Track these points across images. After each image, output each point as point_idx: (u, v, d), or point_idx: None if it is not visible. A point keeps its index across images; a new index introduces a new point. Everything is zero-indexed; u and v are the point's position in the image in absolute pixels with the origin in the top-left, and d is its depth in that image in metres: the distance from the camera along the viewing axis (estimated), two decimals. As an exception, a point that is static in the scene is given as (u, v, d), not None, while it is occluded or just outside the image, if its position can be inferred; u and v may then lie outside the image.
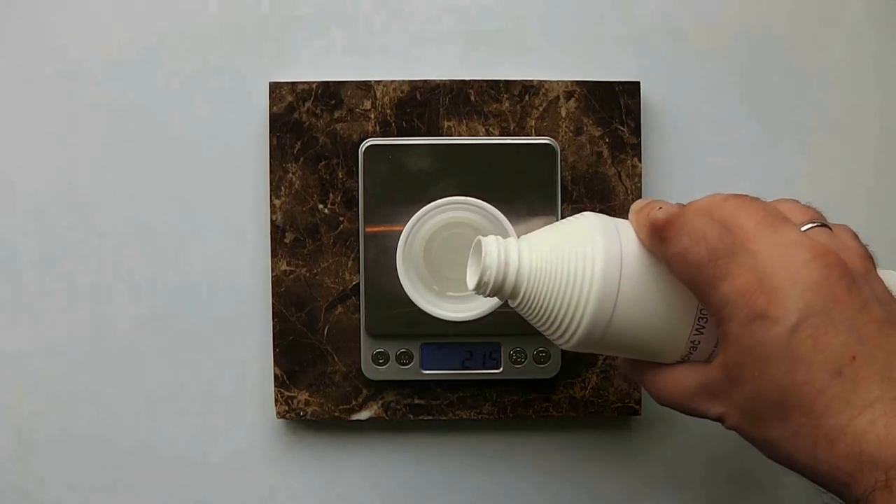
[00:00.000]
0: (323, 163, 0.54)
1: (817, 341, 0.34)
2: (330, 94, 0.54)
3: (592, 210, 0.47)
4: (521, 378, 0.54)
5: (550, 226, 0.42)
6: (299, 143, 0.54)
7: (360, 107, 0.54)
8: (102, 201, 0.55)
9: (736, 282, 0.35)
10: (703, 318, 0.39)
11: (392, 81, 0.54)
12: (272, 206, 0.54)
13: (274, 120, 0.54)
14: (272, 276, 0.54)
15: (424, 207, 0.49)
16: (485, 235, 0.41)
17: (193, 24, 0.55)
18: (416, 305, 0.49)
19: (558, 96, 0.54)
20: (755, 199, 0.38)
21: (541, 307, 0.40)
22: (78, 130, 0.55)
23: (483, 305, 0.48)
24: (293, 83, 0.54)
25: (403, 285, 0.47)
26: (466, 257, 0.43)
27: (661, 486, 0.57)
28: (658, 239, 0.38)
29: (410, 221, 0.49)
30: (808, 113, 0.56)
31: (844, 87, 0.56)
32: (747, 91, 0.56)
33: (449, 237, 0.50)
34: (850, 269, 0.36)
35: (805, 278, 0.35)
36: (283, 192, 0.54)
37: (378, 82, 0.54)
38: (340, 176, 0.54)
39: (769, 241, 0.36)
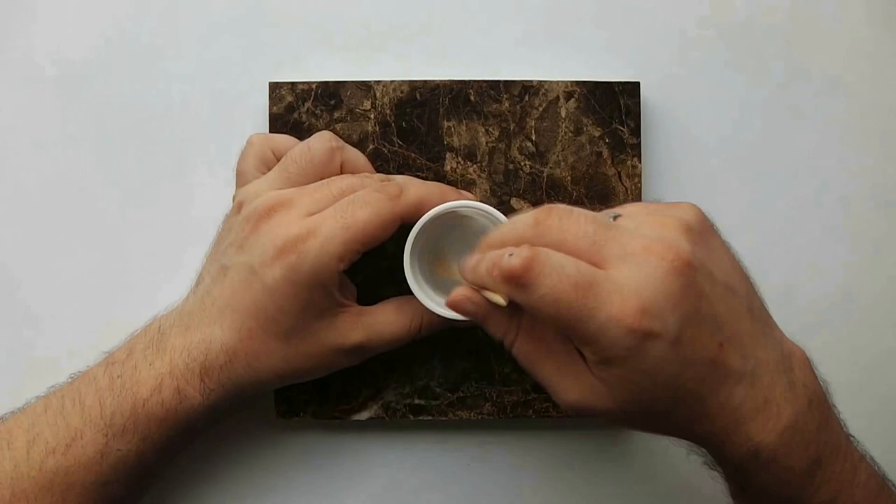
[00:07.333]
0: (323, 163, 0.54)
1: (694, 343, 0.38)
2: (330, 94, 0.54)
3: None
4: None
5: None
6: (299, 143, 0.54)
7: (360, 107, 0.54)
8: (102, 201, 0.55)
9: (611, 309, 0.37)
10: None
11: (392, 81, 0.54)
12: (272, 206, 0.54)
13: (274, 120, 0.54)
14: (272, 276, 0.54)
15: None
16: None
17: (193, 24, 0.55)
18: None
19: (558, 96, 0.54)
20: (568, 215, 0.39)
21: None
22: (77, 130, 0.55)
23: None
24: (293, 83, 0.54)
25: (410, 286, 0.47)
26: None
27: (660, 487, 0.57)
28: (516, 286, 0.38)
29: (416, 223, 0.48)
30: (808, 112, 0.56)
31: (845, 86, 0.56)
32: (747, 91, 0.56)
33: (450, 237, 0.50)
34: (691, 261, 0.38)
35: (670, 291, 0.37)
36: (283, 192, 0.54)
37: (378, 82, 0.54)
38: (340, 176, 0.54)
39: (619, 258, 0.38)
